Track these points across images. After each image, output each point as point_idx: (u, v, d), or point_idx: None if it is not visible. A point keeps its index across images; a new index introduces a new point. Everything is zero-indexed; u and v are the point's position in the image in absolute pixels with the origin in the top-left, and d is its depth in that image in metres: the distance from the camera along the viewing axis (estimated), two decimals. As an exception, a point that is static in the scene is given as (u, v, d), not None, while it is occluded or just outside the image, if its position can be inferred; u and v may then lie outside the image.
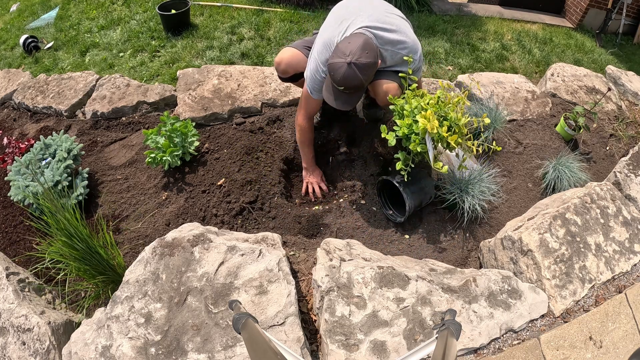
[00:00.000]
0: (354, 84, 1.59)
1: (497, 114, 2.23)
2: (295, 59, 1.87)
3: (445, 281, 1.50)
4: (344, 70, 1.55)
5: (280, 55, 1.89)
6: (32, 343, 1.43)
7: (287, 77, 1.96)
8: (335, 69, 1.57)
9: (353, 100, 1.71)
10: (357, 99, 1.73)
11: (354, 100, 1.72)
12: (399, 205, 1.94)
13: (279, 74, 1.97)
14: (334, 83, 1.63)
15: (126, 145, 2.28)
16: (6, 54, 3.51)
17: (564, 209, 1.75)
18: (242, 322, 0.92)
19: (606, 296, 1.62)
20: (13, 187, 1.91)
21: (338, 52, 1.58)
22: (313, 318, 1.50)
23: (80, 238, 1.49)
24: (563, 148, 2.36)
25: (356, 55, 1.54)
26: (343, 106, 1.71)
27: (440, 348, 0.83)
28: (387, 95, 1.80)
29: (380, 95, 1.82)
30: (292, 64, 1.87)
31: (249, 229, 1.87)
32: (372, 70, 1.61)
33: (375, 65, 1.60)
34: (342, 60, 1.55)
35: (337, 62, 1.56)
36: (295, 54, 1.88)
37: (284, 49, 1.92)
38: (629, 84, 2.89)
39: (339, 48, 1.59)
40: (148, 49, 3.13)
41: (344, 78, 1.57)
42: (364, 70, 1.56)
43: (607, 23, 4.13)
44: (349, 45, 1.57)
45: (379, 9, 1.75)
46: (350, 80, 1.57)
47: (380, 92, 1.81)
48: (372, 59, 1.57)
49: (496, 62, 3.20)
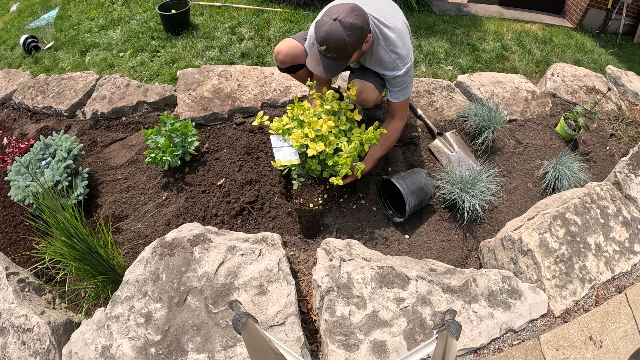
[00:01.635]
0: (336, 43, 1.51)
1: (497, 114, 2.23)
2: (293, 50, 1.87)
3: (445, 281, 1.50)
4: (328, 26, 1.50)
5: (280, 45, 1.89)
6: (32, 343, 1.43)
7: (285, 68, 1.96)
8: (320, 26, 1.53)
9: (336, 66, 1.61)
10: (339, 67, 1.62)
11: (337, 67, 1.62)
12: (398, 205, 1.94)
13: (277, 64, 1.97)
14: (317, 44, 1.57)
15: (126, 145, 2.28)
16: (6, 54, 3.51)
17: (564, 209, 1.75)
18: (242, 322, 0.92)
19: (606, 296, 1.62)
20: (13, 187, 1.91)
21: (326, 12, 1.57)
22: (313, 318, 1.50)
23: (80, 238, 1.49)
24: (563, 148, 2.36)
25: (343, 14, 1.50)
26: (324, 73, 1.61)
27: (440, 348, 0.83)
28: (359, 95, 1.82)
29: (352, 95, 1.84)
30: (291, 54, 1.87)
31: (249, 229, 1.87)
32: (358, 33, 1.53)
33: (363, 31, 1.54)
34: (328, 17, 1.52)
35: (323, 19, 1.54)
36: (294, 45, 1.87)
37: (284, 40, 1.92)
38: (629, 84, 2.89)
39: (329, 9, 1.57)
40: (148, 49, 3.13)
41: (327, 34, 1.50)
42: (349, 28, 1.49)
43: (607, 23, 4.13)
44: (338, 7, 1.54)
45: (388, 6, 1.77)
46: (333, 36, 1.50)
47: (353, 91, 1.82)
48: (359, 22, 1.52)
49: (496, 62, 3.20)
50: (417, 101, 2.47)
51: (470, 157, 2.19)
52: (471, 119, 2.28)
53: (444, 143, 2.21)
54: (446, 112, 2.44)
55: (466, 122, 2.33)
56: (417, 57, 3.11)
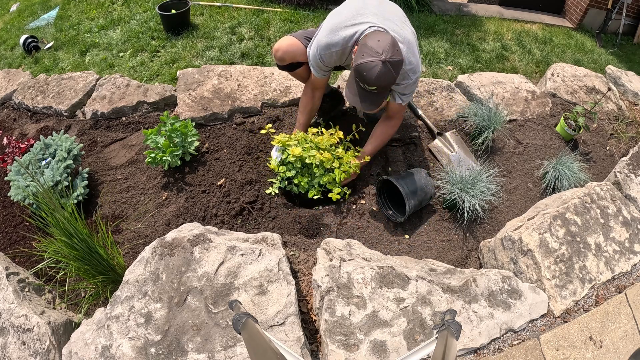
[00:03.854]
0: (387, 82, 1.53)
1: (497, 114, 2.23)
2: (292, 48, 1.86)
3: (445, 281, 1.50)
4: (379, 69, 1.48)
5: (279, 42, 1.89)
6: (32, 343, 1.43)
7: (284, 65, 1.95)
8: (369, 69, 1.49)
9: (380, 99, 1.63)
10: (383, 99, 1.64)
11: (381, 100, 1.64)
12: (399, 205, 1.94)
13: (276, 62, 1.97)
14: (364, 84, 1.55)
15: (126, 145, 2.28)
16: (6, 54, 3.51)
17: (564, 209, 1.75)
18: (242, 322, 0.92)
19: (606, 296, 1.62)
20: (13, 187, 1.91)
21: (369, 51, 1.50)
22: (313, 318, 1.50)
23: (80, 238, 1.49)
24: (563, 148, 2.36)
25: (389, 53, 1.48)
26: (370, 108, 1.63)
27: (440, 348, 0.83)
28: None
29: None
30: (289, 52, 1.87)
31: (249, 229, 1.87)
32: (401, 66, 1.56)
33: (403, 63, 1.57)
34: (375, 59, 1.48)
35: (370, 61, 1.49)
36: (293, 43, 1.87)
37: (284, 37, 1.92)
38: (629, 84, 2.89)
39: (369, 46, 1.50)
40: (148, 49, 3.13)
41: (377, 77, 1.50)
42: (397, 67, 1.52)
43: (607, 23, 4.13)
44: (379, 44, 1.49)
45: (396, 15, 1.74)
46: (385, 78, 1.51)
47: None
48: (401, 56, 1.53)
49: (496, 62, 3.20)
50: (417, 101, 2.47)
51: (470, 157, 2.19)
52: (471, 119, 2.28)
53: (444, 143, 2.21)
54: (446, 112, 2.44)
55: (466, 122, 2.33)
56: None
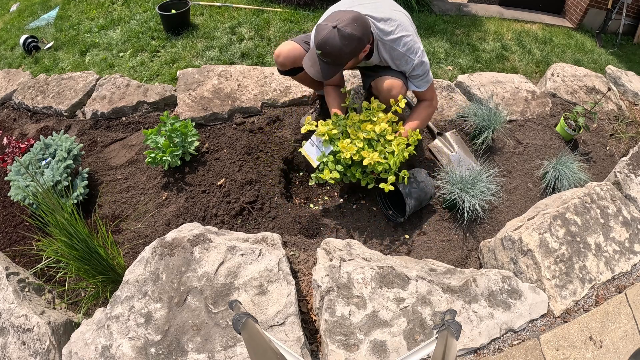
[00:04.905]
0: (331, 50, 1.56)
1: (497, 114, 2.23)
2: (293, 53, 1.87)
3: (445, 281, 1.50)
4: (327, 32, 1.55)
5: (280, 48, 1.90)
6: (32, 343, 1.43)
7: (285, 71, 1.96)
8: (319, 30, 1.58)
9: (328, 71, 1.66)
10: (332, 72, 1.67)
11: (329, 72, 1.67)
12: (399, 205, 1.94)
13: (277, 67, 1.97)
14: (315, 45, 1.62)
15: (126, 145, 2.28)
16: (6, 54, 3.51)
17: (564, 209, 1.75)
18: (242, 322, 0.92)
19: (606, 296, 1.62)
20: (13, 187, 1.91)
21: (329, 17, 1.60)
22: (313, 318, 1.50)
23: (80, 238, 1.49)
24: (563, 148, 2.36)
25: (343, 23, 1.54)
26: (316, 74, 1.67)
27: (440, 348, 0.83)
28: (390, 92, 1.78)
29: (383, 92, 1.81)
30: (290, 57, 1.87)
31: (249, 229, 1.87)
32: (355, 44, 1.57)
33: (361, 42, 1.59)
34: (329, 23, 1.56)
35: (324, 24, 1.57)
36: (294, 47, 1.88)
37: (285, 42, 1.92)
38: (629, 84, 2.89)
39: (332, 15, 1.61)
40: (148, 49, 3.13)
41: (324, 39, 1.56)
42: (347, 38, 1.54)
43: (607, 23, 4.13)
44: (341, 14, 1.58)
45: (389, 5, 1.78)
46: (329, 42, 1.55)
47: (382, 88, 1.79)
48: (358, 33, 1.56)
49: (496, 62, 3.20)
50: (417, 101, 2.47)
51: (470, 157, 2.19)
52: (471, 119, 2.28)
53: (444, 143, 2.21)
54: (446, 112, 2.44)
55: (466, 122, 2.33)
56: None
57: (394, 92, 1.78)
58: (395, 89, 1.77)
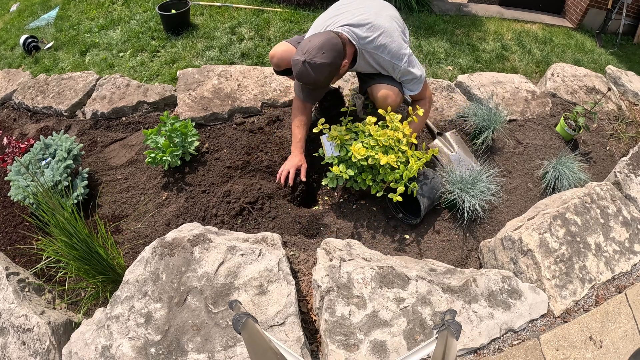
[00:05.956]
0: (308, 81, 1.65)
1: (497, 114, 2.23)
2: (287, 54, 1.88)
3: (445, 281, 1.50)
4: (299, 68, 1.61)
5: (275, 49, 1.92)
6: (32, 343, 1.43)
7: (280, 71, 1.99)
8: (293, 65, 1.64)
9: (315, 95, 1.85)
10: (319, 94, 1.88)
11: (317, 95, 1.87)
12: (408, 207, 1.94)
13: (273, 67, 2.00)
14: None
15: (126, 145, 2.28)
16: (6, 54, 3.51)
17: (564, 209, 1.75)
18: (242, 322, 0.92)
19: (606, 296, 1.62)
20: (13, 187, 1.91)
21: (299, 49, 1.64)
22: (313, 318, 1.50)
23: (80, 238, 1.49)
24: (563, 148, 2.36)
25: (311, 55, 1.58)
26: (307, 99, 1.86)
27: (440, 348, 0.83)
28: (385, 101, 1.82)
29: (378, 101, 1.85)
30: (285, 58, 1.88)
31: (249, 229, 1.87)
32: (328, 70, 1.62)
33: (333, 66, 1.62)
34: (298, 58, 1.61)
35: (295, 58, 1.62)
36: (288, 48, 1.89)
37: (279, 43, 1.95)
38: (629, 84, 2.89)
39: (301, 45, 1.65)
40: (148, 49, 3.13)
41: (299, 75, 1.63)
42: (317, 69, 1.59)
43: (607, 23, 4.13)
44: (308, 43, 1.61)
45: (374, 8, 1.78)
46: (304, 76, 1.63)
47: (377, 97, 1.83)
48: (328, 59, 1.59)
49: (496, 62, 3.20)
50: (417, 101, 2.47)
51: (470, 157, 2.19)
52: (471, 119, 2.28)
53: (444, 143, 2.21)
54: (446, 112, 2.44)
55: (466, 122, 2.33)
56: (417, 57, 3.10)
57: (389, 101, 1.82)
58: (390, 98, 1.81)
